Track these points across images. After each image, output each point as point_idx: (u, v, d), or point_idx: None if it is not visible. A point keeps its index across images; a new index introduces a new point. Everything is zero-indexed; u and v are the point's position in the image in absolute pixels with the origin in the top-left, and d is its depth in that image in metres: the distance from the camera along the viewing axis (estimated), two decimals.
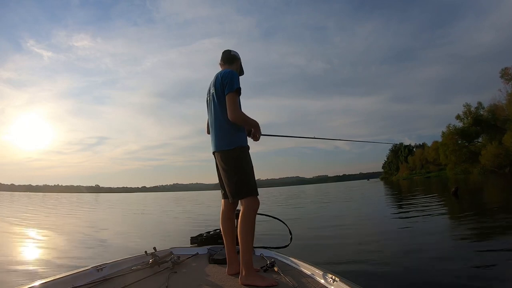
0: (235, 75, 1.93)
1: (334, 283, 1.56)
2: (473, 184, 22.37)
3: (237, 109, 1.87)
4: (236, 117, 1.86)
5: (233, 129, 1.92)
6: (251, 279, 1.72)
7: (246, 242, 1.80)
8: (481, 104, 47.52)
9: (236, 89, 1.87)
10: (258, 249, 2.52)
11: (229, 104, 1.86)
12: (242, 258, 1.78)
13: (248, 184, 1.87)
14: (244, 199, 1.85)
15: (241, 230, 1.81)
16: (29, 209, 16.89)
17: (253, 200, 1.87)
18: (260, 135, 2.07)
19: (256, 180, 1.96)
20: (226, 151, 1.91)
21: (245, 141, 1.99)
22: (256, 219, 1.89)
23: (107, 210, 17.47)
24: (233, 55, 2.14)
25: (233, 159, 1.89)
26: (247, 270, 1.75)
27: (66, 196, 53.57)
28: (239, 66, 2.17)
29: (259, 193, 1.90)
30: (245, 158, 1.92)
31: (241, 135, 1.96)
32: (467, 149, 49.14)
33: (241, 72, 2.18)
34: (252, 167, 1.94)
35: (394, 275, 3.12)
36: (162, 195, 62.55)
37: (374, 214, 8.88)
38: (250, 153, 2.02)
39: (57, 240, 6.25)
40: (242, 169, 1.88)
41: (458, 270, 3.09)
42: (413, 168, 77.01)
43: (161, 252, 2.36)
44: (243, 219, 1.83)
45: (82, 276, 1.76)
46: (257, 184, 1.93)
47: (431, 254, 3.74)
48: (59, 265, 3.86)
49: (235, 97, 1.87)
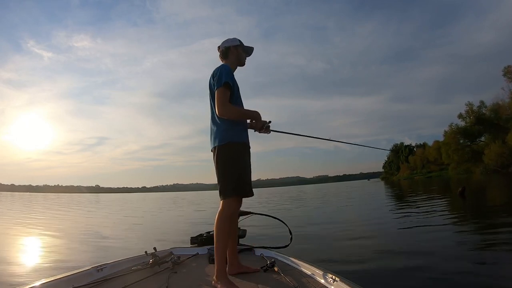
0: (224, 69, 1.86)
1: (334, 283, 1.56)
2: (477, 184, 22.01)
3: (224, 104, 1.79)
4: (223, 112, 1.79)
5: (225, 124, 1.86)
6: (220, 286, 1.68)
7: (216, 247, 1.76)
8: (483, 103, 47.28)
9: (224, 83, 1.80)
10: (258, 249, 2.51)
11: (217, 99, 1.80)
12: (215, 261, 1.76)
13: (232, 183, 1.79)
14: (224, 200, 1.80)
15: (215, 232, 1.79)
16: (29, 209, 16.88)
17: (232, 202, 1.80)
18: (263, 127, 1.96)
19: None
20: (217, 148, 1.86)
21: (239, 137, 1.88)
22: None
23: (107, 210, 17.47)
24: (227, 47, 2.03)
25: (222, 156, 1.83)
26: (217, 276, 1.71)
27: (66, 197, 53.59)
28: (237, 55, 2.04)
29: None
30: (235, 155, 1.83)
31: (235, 130, 1.86)
32: (469, 149, 48.73)
33: (240, 61, 2.07)
34: (244, 165, 1.84)
35: (395, 275, 3.11)
36: (162, 195, 62.54)
37: (377, 215, 8.72)
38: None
39: (57, 240, 6.25)
40: (229, 167, 1.81)
41: (465, 273, 3.02)
42: (414, 168, 76.85)
43: (161, 252, 2.35)
44: (216, 221, 1.79)
45: (82, 276, 1.75)
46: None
47: (436, 256, 3.66)
48: (59, 265, 3.87)
49: (223, 91, 1.80)
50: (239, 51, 2.04)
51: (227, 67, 1.90)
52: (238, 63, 2.08)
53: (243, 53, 2.08)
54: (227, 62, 2.02)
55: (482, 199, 11.52)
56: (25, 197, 46.42)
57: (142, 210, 16.66)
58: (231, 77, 1.88)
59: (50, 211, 15.72)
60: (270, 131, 2.07)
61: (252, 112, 1.94)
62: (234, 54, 2.03)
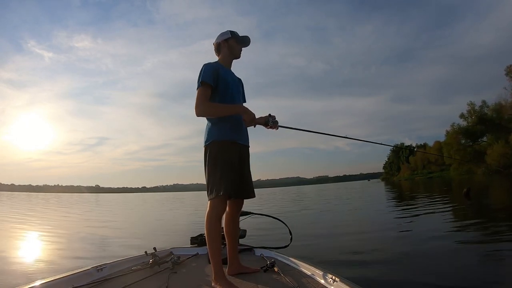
0: (203, 68, 1.84)
1: (334, 283, 1.56)
2: (480, 184, 21.58)
3: (197, 104, 1.77)
4: (197, 112, 1.77)
5: (210, 123, 1.87)
6: (218, 286, 1.68)
7: (208, 248, 1.79)
8: (485, 103, 46.75)
9: (201, 82, 1.79)
10: (258, 249, 2.52)
11: (196, 99, 1.80)
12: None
13: (214, 184, 1.76)
14: (210, 201, 1.79)
15: (205, 234, 1.80)
16: (28, 209, 16.89)
17: (216, 203, 1.77)
18: (252, 120, 1.82)
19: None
20: (204, 147, 1.87)
21: (224, 135, 1.83)
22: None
23: (107, 210, 17.48)
24: (218, 43, 2.00)
25: (207, 155, 1.83)
26: (214, 278, 1.71)
27: (66, 196, 53.60)
28: (229, 48, 1.98)
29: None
30: (218, 154, 1.80)
31: (220, 128, 1.83)
32: (471, 149, 48.34)
33: (233, 54, 2.00)
34: (227, 165, 1.78)
35: (395, 275, 3.10)
36: (162, 195, 62.52)
37: (381, 216, 8.51)
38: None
39: (57, 240, 6.24)
40: (212, 166, 1.80)
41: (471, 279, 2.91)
42: (415, 169, 76.84)
43: (161, 252, 2.35)
44: (205, 223, 1.80)
45: (82, 276, 1.75)
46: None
47: (440, 259, 3.56)
48: (59, 265, 3.86)
49: (199, 92, 1.79)
50: (230, 44, 1.97)
51: (207, 67, 1.85)
52: (232, 57, 2.02)
53: (237, 45, 1.99)
54: (220, 57, 2.00)
55: (487, 200, 11.25)
56: (25, 197, 46.43)
57: (142, 210, 16.67)
58: (210, 75, 1.82)
59: (49, 211, 15.73)
60: (278, 127, 1.97)
61: (232, 107, 1.86)
62: (226, 48, 1.98)
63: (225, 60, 2.00)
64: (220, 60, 2.00)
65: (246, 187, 1.92)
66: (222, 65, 1.96)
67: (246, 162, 1.96)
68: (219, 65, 1.94)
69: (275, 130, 1.98)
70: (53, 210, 16.54)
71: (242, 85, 2.11)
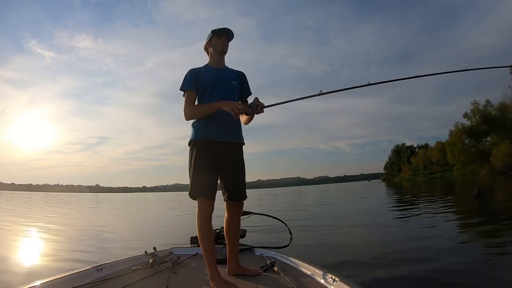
0: (184, 76, 1.91)
1: (334, 283, 1.55)
2: (486, 185, 21.09)
3: (184, 108, 1.85)
4: (185, 116, 1.85)
5: (191, 125, 1.92)
6: (214, 284, 1.68)
7: (201, 249, 1.80)
8: (489, 102, 45.86)
9: (181, 90, 1.89)
10: (258, 249, 2.51)
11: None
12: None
13: (191, 185, 1.79)
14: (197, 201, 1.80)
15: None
16: (28, 209, 16.91)
17: (199, 204, 1.78)
18: (232, 108, 1.70)
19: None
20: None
21: (199, 134, 1.83)
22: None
23: (107, 210, 17.49)
24: (204, 47, 2.04)
25: (189, 156, 1.87)
26: (211, 278, 1.72)
27: (66, 196, 53.66)
28: (212, 47, 1.97)
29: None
30: (190, 155, 1.84)
31: (196, 128, 1.86)
32: (475, 149, 47.14)
33: (217, 51, 1.96)
34: (198, 165, 1.77)
35: (395, 276, 3.10)
36: (162, 195, 62.55)
37: (387, 217, 8.23)
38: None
39: (57, 240, 6.25)
40: (189, 167, 1.83)
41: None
42: (416, 169, 76.63)
43: (161, 252, 2.35)
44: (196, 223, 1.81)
45: (82, 276, 1.75)
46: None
47: (443, 260, 3.50)
48: (59, 265, 3.86)
49: (185, 97, 1.87)
50: (212, 43, 1.96)
51: (186, 73, 1.92)
52: (216, 54, 1.98)
53: (218, 40, 1.94)
54: (209, 58, 2.03)
55: (498, 201, 10.88)
56: (25, 196, 46.48)
57: (142, 210, 16.68)
58: (188, 81, 1.88)
59: (49, 211, 15.74)
60: (264, 108, 1.86)
61: (210, 104, 1.81)
62: (210, 47, 2.00)
63: (212, 59, 2.01)
64: (209, 61, 2.02)
65: (230, 188, 1.90)
66: (208, 65, 1.99)
67: (232, 160, 1.90)
68: (204, 67, 1.98)
69: (263, 113, 1.87)
70: (53, 210, 16.56)
71: (243, 79, 2.07)
